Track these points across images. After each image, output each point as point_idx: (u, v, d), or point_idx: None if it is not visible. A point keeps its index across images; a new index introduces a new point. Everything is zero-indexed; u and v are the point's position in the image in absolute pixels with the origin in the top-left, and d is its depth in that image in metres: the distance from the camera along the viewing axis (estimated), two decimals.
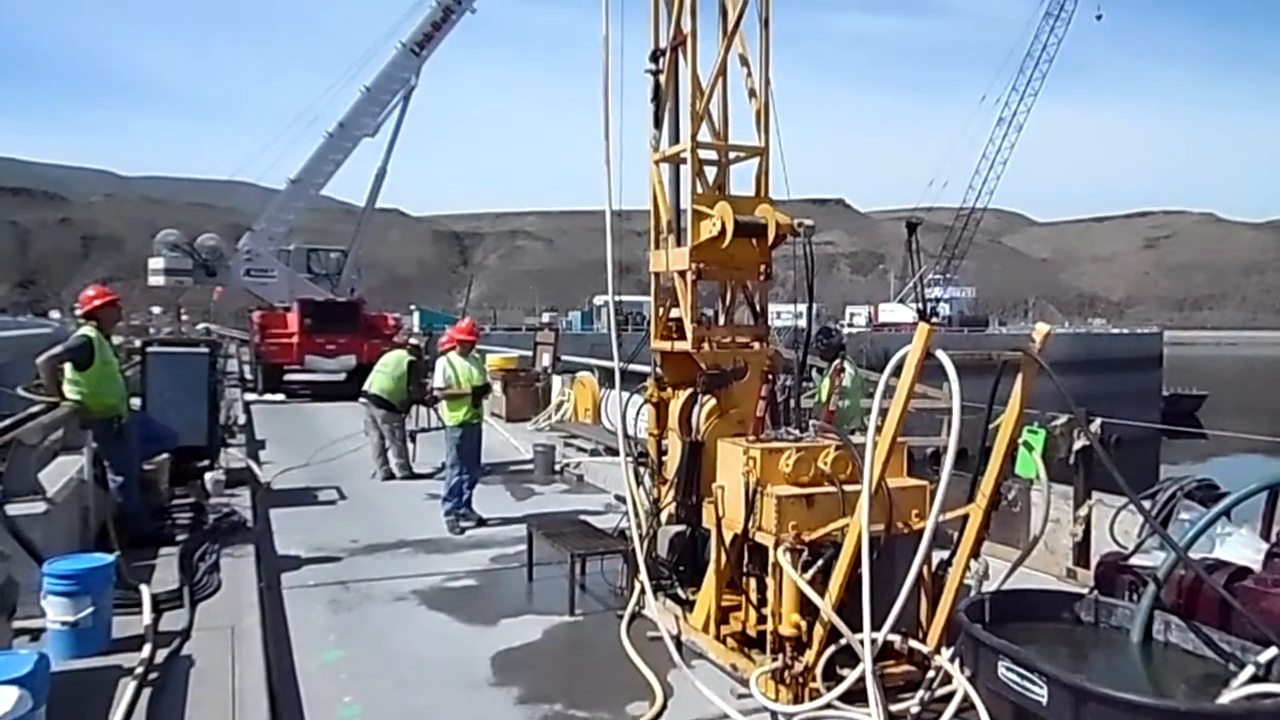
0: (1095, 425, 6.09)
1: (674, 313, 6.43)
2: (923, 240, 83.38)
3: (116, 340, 8.55)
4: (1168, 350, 68.88)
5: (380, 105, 26.27)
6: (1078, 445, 6.12)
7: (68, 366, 6.76)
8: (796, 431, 5.43)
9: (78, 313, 7.65)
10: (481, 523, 9.10)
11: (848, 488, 4.78)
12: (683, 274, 6.11)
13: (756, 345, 6.32)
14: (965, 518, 4.53)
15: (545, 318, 77.31)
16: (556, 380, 16.86)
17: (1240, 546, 4.18)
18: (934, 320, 76.91)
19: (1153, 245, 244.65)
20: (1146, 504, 4.56)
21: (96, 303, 7.14)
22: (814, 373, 8.97)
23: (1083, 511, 6.30)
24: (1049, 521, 5.00)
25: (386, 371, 11.86)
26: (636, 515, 6.35)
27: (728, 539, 5.27)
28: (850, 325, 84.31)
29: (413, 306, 76.92)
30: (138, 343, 11.57)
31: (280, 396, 21.48)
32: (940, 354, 4.15)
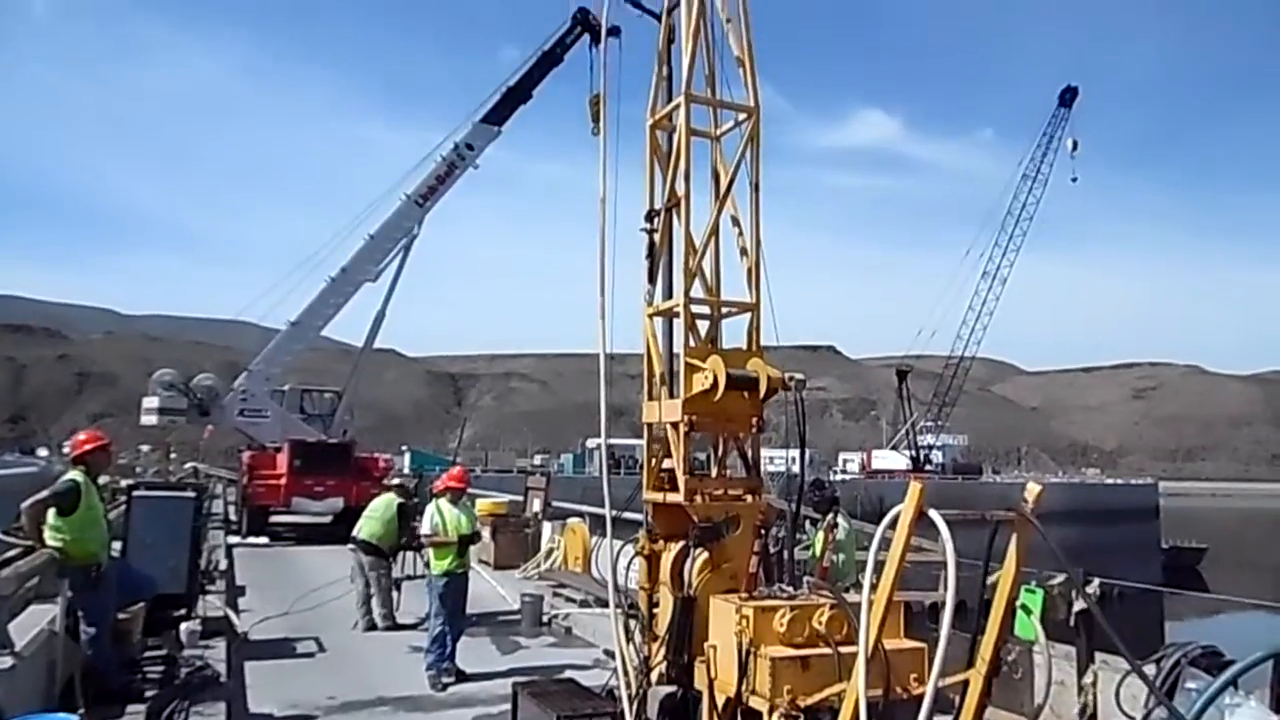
0: (1094, 586, 5.99)
1: (666, 463, 6.42)
2: (913, 387, 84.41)
3: (103, 479, 8.46)
4: (1163, 501, 68.50)
5: (383, 252, 27.05)
6: (1077, 607, 5.99)
7: (51, 511, 6.65)
8: (790, 589, 5.32)
9: (67, 454, 7.60)
10: (464, 678, 8.75)
11: (844, 649, 4.64)
12: (675, 425, 6.15)
13: (749, 498, 6.28)
14: (966, 683, 4.39)
15: (537, 460, 77.03)
16: (547, 527, 16.61)
17: (1249, 718, 4.03)
18: (927, 467, 76.95)
19: (1141, 396, 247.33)
20: (1150, 670, 4.43)
21: (87, 447, 7.11)
22: (807, 524, 8.88)
23: (1088, 679, 6.09)
24: (1053, 684, 4.84)
25: (376, 516, 11.66)
26: (626, 674, 6.13)
27: (720, 702, 5.07)
28: (843, 471, 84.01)
29: (404, 447, 76.64)
30: (124, 483, 11.43)
31: (264, 540, 21.03)
32: (933, 514, 4.13)
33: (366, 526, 11.60)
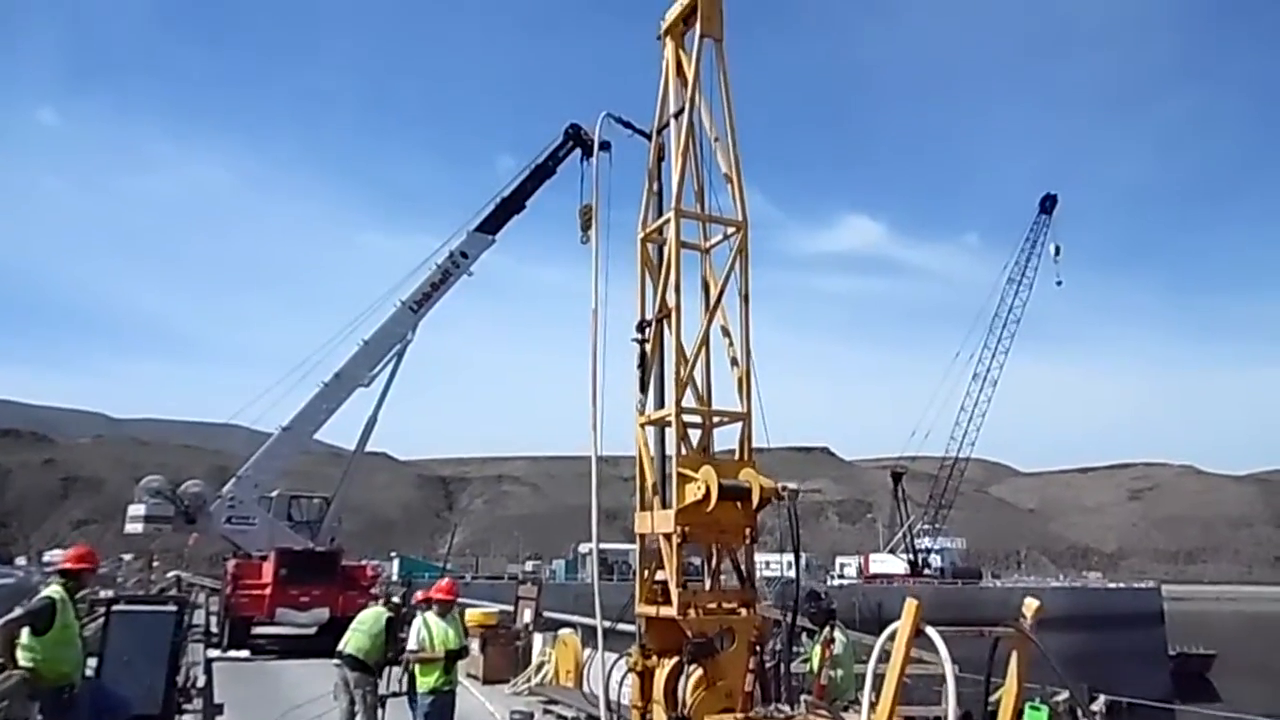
0: (1100, 703, 5.82)
1: (659, 575, 6.32)
2: (909, 489, 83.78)
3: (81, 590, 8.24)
4: (1167, 605, 67.21)
5: (376, 358, 27.16)
6: None
7: (24, 631, 6.46)
8: (787, 709, 5.16)
9: (48, 565, 7.44)
10: None
11: None
12: (668, 537, 6.08)
13: (744, 611, 6.17)
14: None
15: (529, 566, 75.50)
16: (538, 638, 16.16)
17: None
18: (926, 572, 75.70)
19: (1138, 497, 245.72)
20: None
21: (74, 565, 6.99)
22: (804, 636, 8.67)
23: None
24: None
25: (364, 630, 11.30)
26: None
27: None
28: (841, 576, 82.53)
29: (393, 554, 75.36)
30: (104, 594, 11.15)
31: (246, 653, 20.38)
32: (931, 631, 4.05)
33: (353, 640, 11.23)
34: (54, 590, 6.75)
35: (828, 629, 7.85)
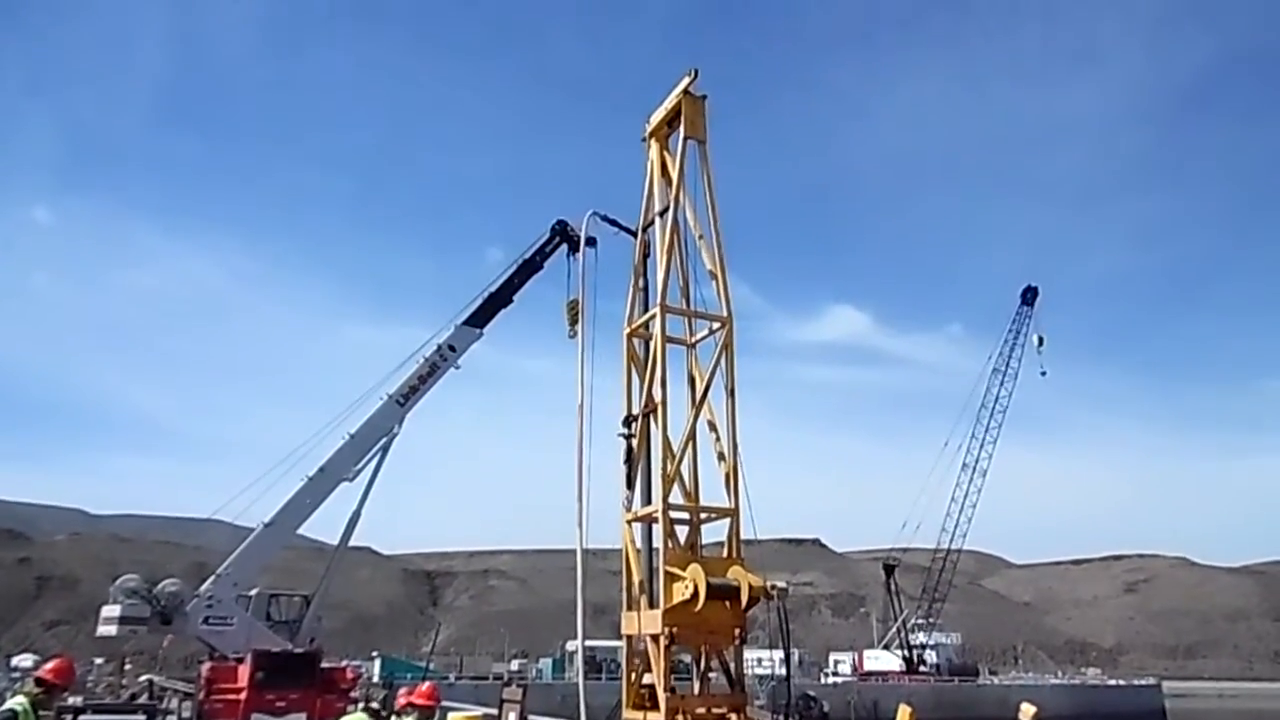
0: None
1: (647, 678, 6.15)
2: (902, 581, 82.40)
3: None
4: (1169, 703, 65.60)
5: (362, 452, 26.97)
6: None
7: None
8: None
9: (21, 669, 7.17)
10: None
11: None
12: (655, 638, 5.94)
13: (734, 717, 5.98)
14: None
15: (514, 665, 73.23)
16: None
17: None
18: (922, 669, 73.87)
19: (1133, 589, 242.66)
20: None
21: (51, 677, 6.79)
22: None
23: None
24: None
25: None
26: None
27: None
28: (835, 674, 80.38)
29: (375, 653, 73.00)
30: (71, 700, 10.74)
31: None
32: None
33: None
34: (17, 702, 6.49)
35: None
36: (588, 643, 6.73)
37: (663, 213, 7.12)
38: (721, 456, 6.59)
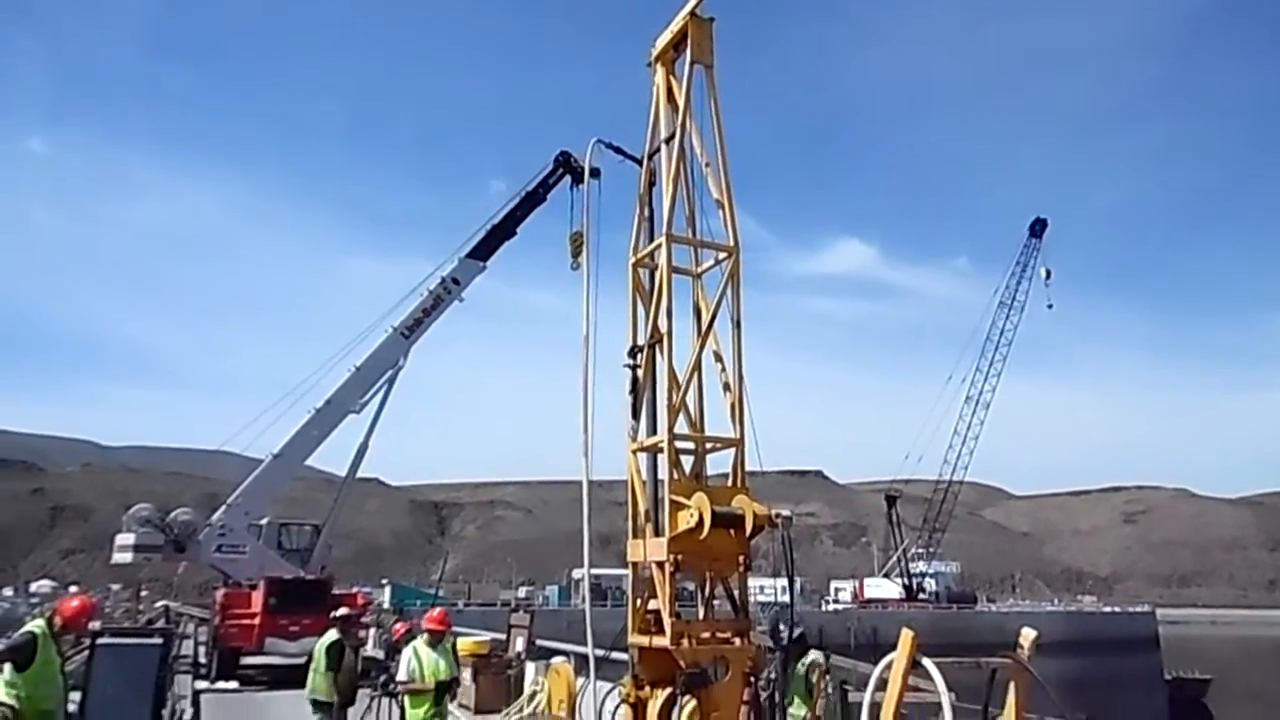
0: None
1: (652, 604, 6.24)
2: (903, 512, 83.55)
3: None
4: (1162, 629, 67.01)
5: (368, 384, 27.05)
6: None
7: (6, 666, 6.34)
8: None
9: (40, 594, 7.33)
10: None
11: None
12: (660, 565, 6.01)
13: (738, 640, 6.09)
14: None
15: (522, 593, 74.97)
16: (530, 667, 15.95)
17: None
18: (921, 596, 75.35)
19: (1132, 520, 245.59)
20: None
21: (72, 616, 6.93)
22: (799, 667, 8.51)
23: None
24: None
25: (313, 666, 10.58)
26: None
27: None
28: (836, 601, 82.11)
29: (385, 581, 74.71)
30: (90, 626, 10.93)
31: (234, 685, 20.09)
32: (928, 663, 3.99)
33: (309, 680, 10.71)
34: (36, 625, 6.64)
35: (808, 655, 7.38)
36: (593, 571, 6.90)
37: (668, 140, 6.97)
38: (727, 387, 6.58)
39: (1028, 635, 4.19)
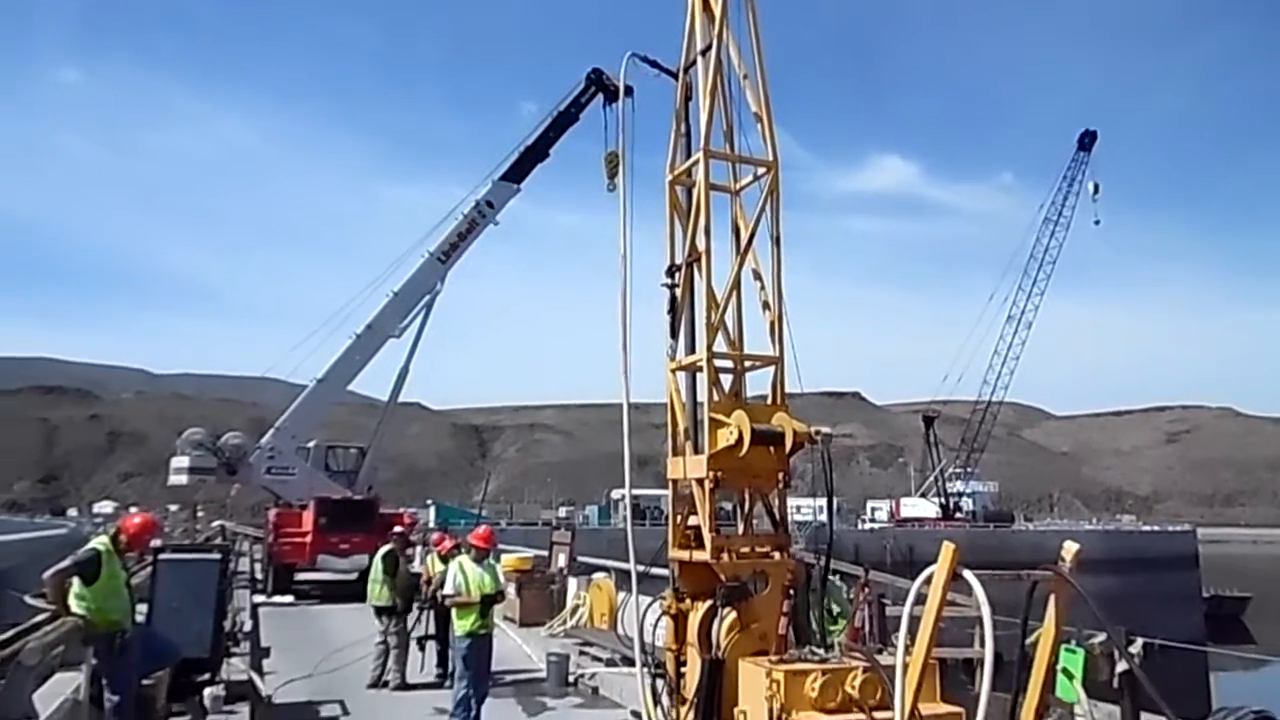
0: (1137, 646, 5.78)
1: (692, 520, 6.33)
2: (941, 433, 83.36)
3: None
4: (1202, 548, 66.78)
5: (406, 309, 27.31)
6: (1120, 668, 5.77)
7: (75, 580, 6.66)
8: (822, 651, 5.18)
9: (103, 515, 7.69)
10: None
11: (878, 715, 4.49)
12: (700, 482, 6.07)
13: (777, 555, 6.16)
14: None
15: (562, 513, 76.61)
16: (572, 583, 16.40)
17: None
18: (957, 515, 75.68)
19: (1175, 440, 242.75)
20: None
21: (135, 533, 7.27)
22: (838, 579, 8.68)
23: None
24: None
25: (372, 576, 11.90)
26: None
27: None
28: (872, 520, 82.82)
29: (429, 502, 76.72)
30: (152, 543, 11.41)
31: (289, 599, 20.94)
32: (969, 575, 4.01)
33: (370, 590, 11.78)
34: (100, 542, 6.95)
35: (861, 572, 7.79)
36: (633, 491, 7.01)
37: (705, 51, 6.77)
38: (766, 305, 6.51)
39: (1070, 548, 4.18)
